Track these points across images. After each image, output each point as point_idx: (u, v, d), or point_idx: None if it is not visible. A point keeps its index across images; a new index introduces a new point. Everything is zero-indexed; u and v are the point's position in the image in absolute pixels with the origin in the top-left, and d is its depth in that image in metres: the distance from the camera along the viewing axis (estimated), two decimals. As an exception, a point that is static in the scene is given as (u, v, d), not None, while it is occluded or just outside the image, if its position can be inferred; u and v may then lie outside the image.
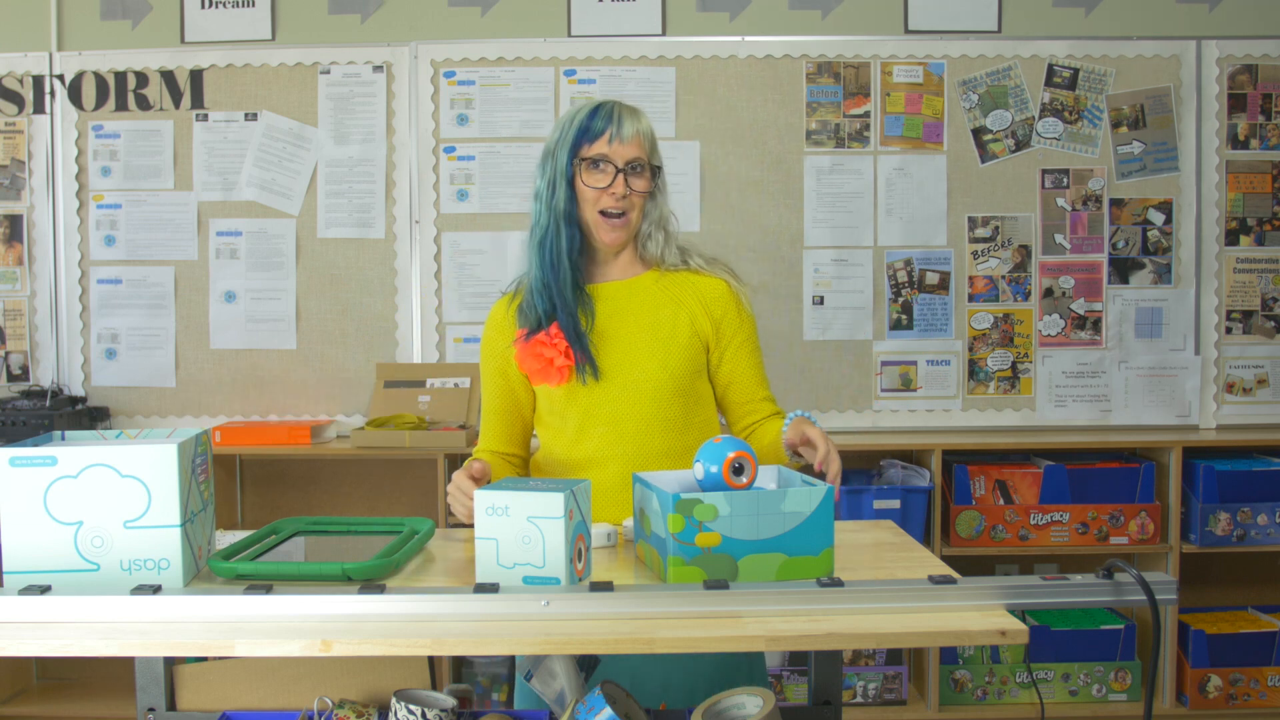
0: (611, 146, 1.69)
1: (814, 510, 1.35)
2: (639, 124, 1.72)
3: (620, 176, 1.70)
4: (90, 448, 1.34)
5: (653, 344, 1.74)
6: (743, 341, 1.79)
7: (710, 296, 1.78)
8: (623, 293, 1.77)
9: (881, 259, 3.29)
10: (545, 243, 1.73)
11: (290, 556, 1.51)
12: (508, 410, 1.81)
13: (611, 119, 1.70)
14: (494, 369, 1.81)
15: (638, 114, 1.74)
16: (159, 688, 1.59)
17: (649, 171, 1.73)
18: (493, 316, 1.84)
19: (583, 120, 1.71)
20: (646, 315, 1.76)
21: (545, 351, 1.70)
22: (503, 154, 3.29)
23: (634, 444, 1.71)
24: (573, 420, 1.73)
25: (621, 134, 1.69)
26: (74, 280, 3.31)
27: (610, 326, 1.74)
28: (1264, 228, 3.30)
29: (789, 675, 3.06)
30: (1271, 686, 3.04)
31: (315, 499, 3.35)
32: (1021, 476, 3.07)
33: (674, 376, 1.73)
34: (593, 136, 1.70)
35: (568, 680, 1.44)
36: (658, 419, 1.72)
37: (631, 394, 1.72)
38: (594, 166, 1.70)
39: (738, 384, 1.79)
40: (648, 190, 1.74)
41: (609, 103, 1.73)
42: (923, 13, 3.28)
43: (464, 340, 3.31)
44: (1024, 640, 1.19)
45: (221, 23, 3.29)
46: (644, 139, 1.72)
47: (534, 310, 1.74)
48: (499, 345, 1.80)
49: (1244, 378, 3.31)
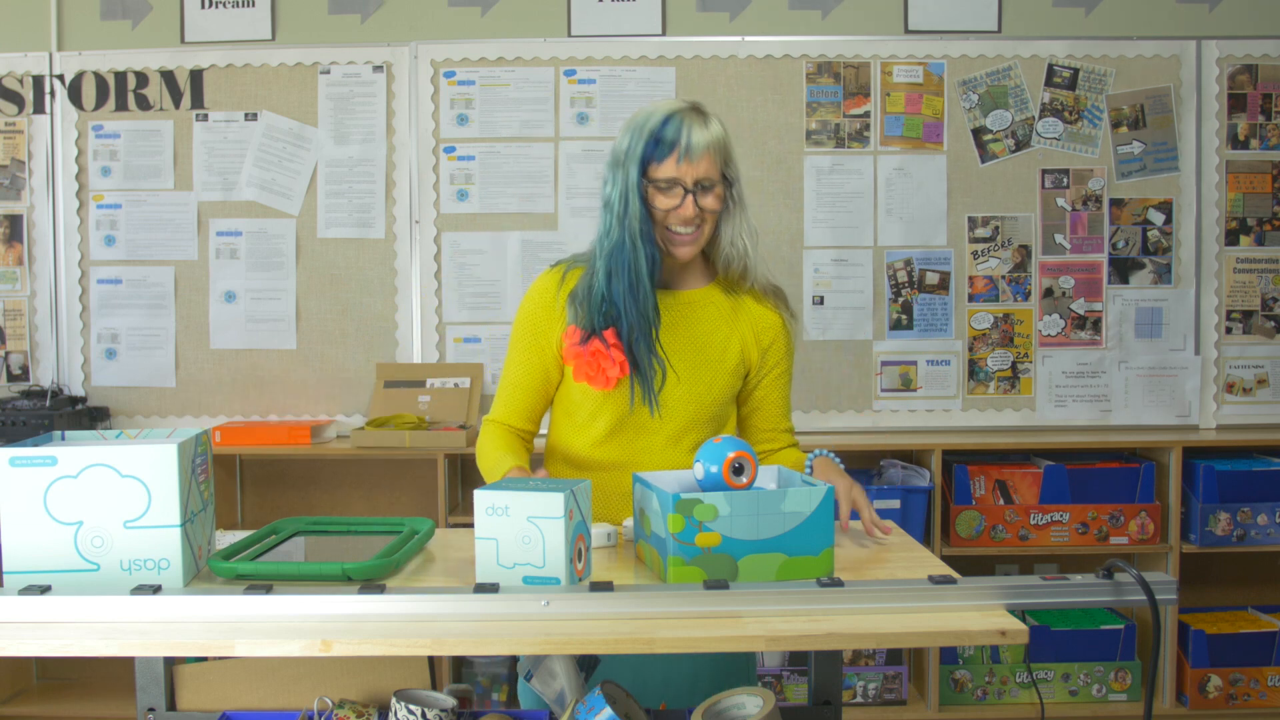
0: (680, 167, 1.63)
1: (814, 510, 1.35)
2: (709, 135, 1.64)
3: (689, 198, 1.64)
4: (90, 448, 1.34)
5: (701, 366, 1.73)
6: (781, 373, 1.80)
7: (762, 326, 1.77)
8: (682, 305, 1.75)
9: (881, 259, 3.29)
10: (619, 258, 1.67)
11: (290, 556, 1.51)
12: (535, 388, 1.77)
13: (680, 133, 1.63)
14: (531, 344, 1.75)
15: (708, 122, 1.66)
16: (159, 688, 1.60)
17: (722, 185, 1.67)
18: (541, 291, 1.76)
19: (653, 130, 1.64)
20: (702, 334, 1.74)
21: (603, 363, 1.66)
22: (503, 154, 3.29)
23: (660, 455, 1.72)
24: (603, 423, 1.72)
25: (691, 153, 1.62)
26: (74, 280, 3.31)
27: (665, 338, 1.71)
28: (1264, 228, 3.30)
29: (789, 675, 3.06)
30: (1271, 686, 3.04)
31: (315, 499, 3.36)
32: (1021, 476, 3.07)
33: (715, 402, 1.74)
34: (661, 155, 1.63)
35: (568, 680, 1.45)
36: (689, 440, 1.73)
37: (672, 410, 1.72)
38: (663, 188, 1.64)
39: (764, 411, 1.81)
40: (719, 207, 1.68)
41: (678, 112, 1.65)
42: (923, 13, 3.28)
43: (464, 340, 3.31)
44: (1024, 640, 1.19)
45: (221, 23, 3.29)
46: (714, 152, 1.64)
47: (595, 313, 1.68)
48: (542, 322, 1.74)
49: (1244, 378, 3.31)
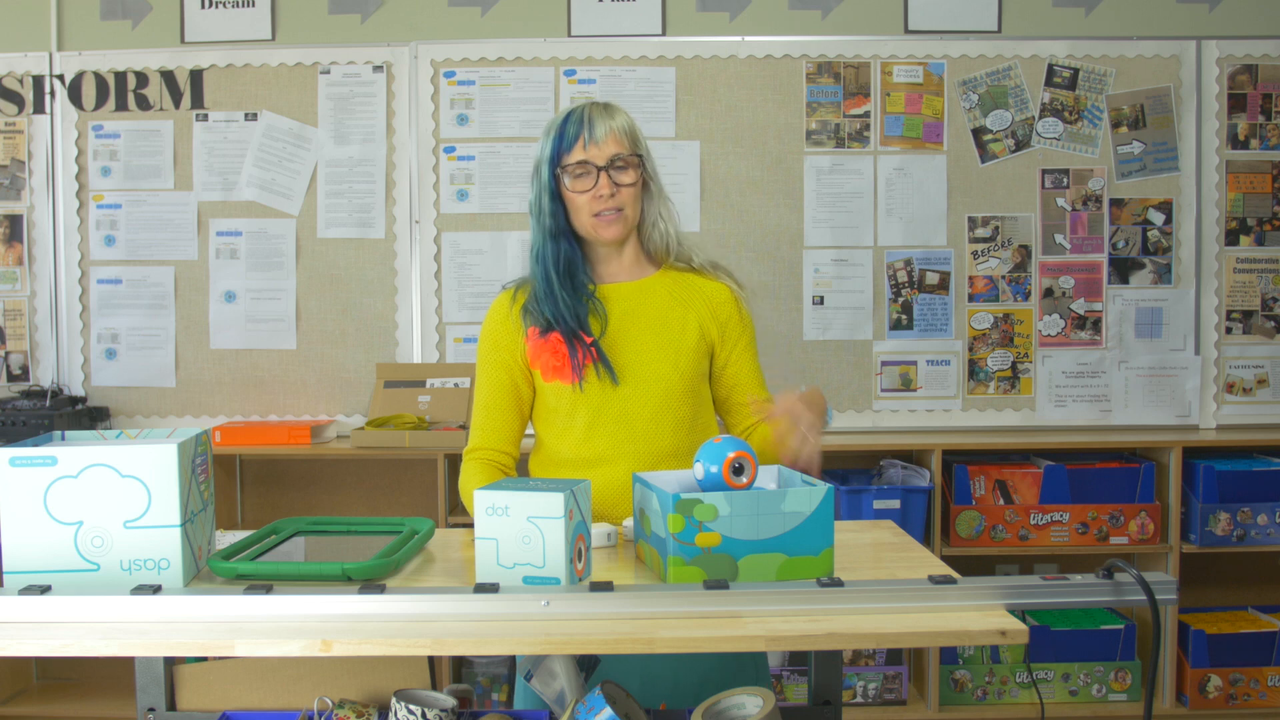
0: (588, 150, 1.69)
1: (814, 510, 1.35)
2: (612, 121, 1.71)
3: (603, 175, 1.69)
4: (90, 448, 1.33)
5: (664, 345, 1.75)
6: (745, 346, 1.82)
7: (716, 300, 1.80)
8: (633, 294, 1.78)
9: (881, 259, 3.29)
10: (543, 259, 1.74)
11: (290, 556, 1.51)
12: (509, 406, 1.79)
13: (583, 123, 1.69)
14: (497, 361, 1.78)
15: (611, 110, 1.73)
16: (159, 688, 1.60)
17: (634, 163, 1.72)
18: (496, 311, 1.82)
19: (558, 127, 1.71)
20: (657, 317, 1.77)
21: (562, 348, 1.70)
22: (503, 154, 3.29)
23: (644, 443, 1.72)
24: (582, 418, 1.73)
25: (594, 135, 1.68)
26: (74, 280, 3.31)
27: (622, 327, 1.75)
28: (1264, 228, 3.30)
29: (789, 675, 3.06)
30: (1271, 686, 3.04)
31: (315, 499, 3.35)
32: (1021, 476, 3.06)
33: (684, 377, 1.75)
34: (568, 144, 1.69)
35: (568, 680, 1.45)
36: (668, 419, 1.73)
37: (643, 393, 1.73)
38: (576, 174, 1.70)
39: (741, 386, 1.82)
40: (636, 182, 1.73)
41: (580, 107, 1.72)
42: (923, 13, 3.28)
43: (464, 340, 3.31)
44: (1024, 640, 1.19)
45: (221, 23, 3.29)
46: (620, 133, 1.70)
47: (541, 315, 1.74)
48: (503, 338, 1.78)
49: (1244, 378, 3.31)
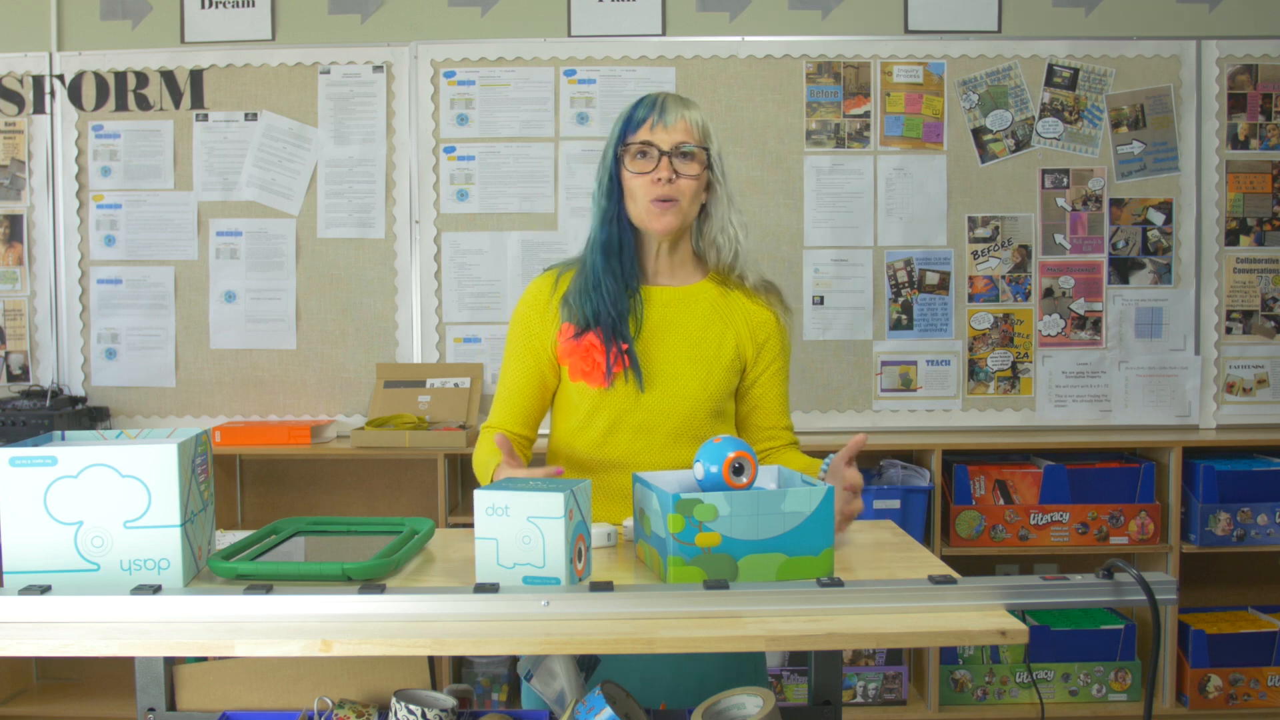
0: (654, 133, 1.63)
1: (814, 510, 1.35)
2: (686, 110, 1.64)
3: (665, 160, 1.62)
4: (90, 448, 1.33)
5: (697, 360, 1.71)
6: (778, 370, 1.78)
7: (757, 321, 1.75)
8: (674, 300, 1.73)
9: (881, 259, 3.29)
10: (594, 245, 1.70)
11: (290, 556, 1.51)
12: (532, 393, 1.75)
13: (655, 106, 1.64)
14: (526, 348, 1.75)
15: (687, 102, 1.66)
16: (159, 688, 1.59)
17: (701, 156, 1.65)
18: (534, 294, 1.76)
19: (627, 112, 1.66)
20: (695, 329, 1.72)
21: (596, 355, 1.67)
22: (503, 154, 3.29)
23: (661, 454, 1.70)
24: (602, 421, 1.71)
25: (665, 119, 1.62)
26: (74, 280, 3.31)
27: (658, 334, 1.71)
28: (1264, 228, 3.30)
29: (789, 675, 3.06)
30: (1271, 686, 3.04)
31: (315, 499, 3.35)
32: (1021, 476, 3.06)
33: (713, 397, 1.71)
34: (635, 125, 1.64)
35: (568, 680, 1.44)
36: (688, 434, 1.70)
37: (669, 406, 1.70)
38: (639, 155, 1.64)
39: (763, 409, 1.79)
40: (698, 176, 1.66)
41: (656, 94, 1.67)
42: (923, 13, 3.28)
43: (464, 340, 3.31)
44: (1024, 640, 1.19)
45: (221, 23, 3.29)
46: (693, 126, 1.64)
47: (580, 310, 1.69)
48: (535, 326, 1.74)
49: (1244, 378, 3.31)
